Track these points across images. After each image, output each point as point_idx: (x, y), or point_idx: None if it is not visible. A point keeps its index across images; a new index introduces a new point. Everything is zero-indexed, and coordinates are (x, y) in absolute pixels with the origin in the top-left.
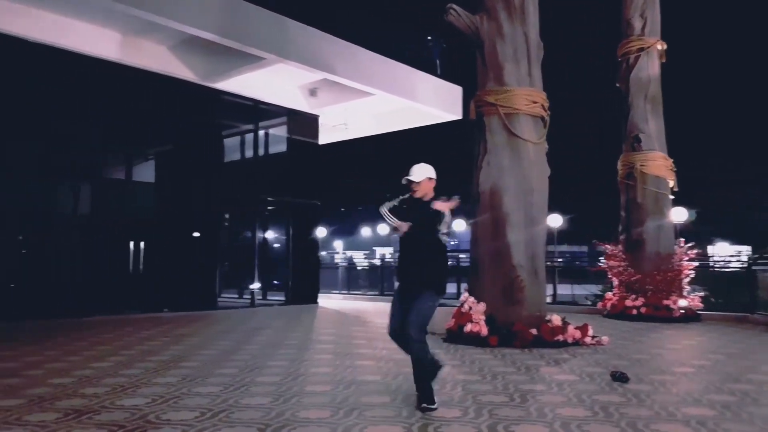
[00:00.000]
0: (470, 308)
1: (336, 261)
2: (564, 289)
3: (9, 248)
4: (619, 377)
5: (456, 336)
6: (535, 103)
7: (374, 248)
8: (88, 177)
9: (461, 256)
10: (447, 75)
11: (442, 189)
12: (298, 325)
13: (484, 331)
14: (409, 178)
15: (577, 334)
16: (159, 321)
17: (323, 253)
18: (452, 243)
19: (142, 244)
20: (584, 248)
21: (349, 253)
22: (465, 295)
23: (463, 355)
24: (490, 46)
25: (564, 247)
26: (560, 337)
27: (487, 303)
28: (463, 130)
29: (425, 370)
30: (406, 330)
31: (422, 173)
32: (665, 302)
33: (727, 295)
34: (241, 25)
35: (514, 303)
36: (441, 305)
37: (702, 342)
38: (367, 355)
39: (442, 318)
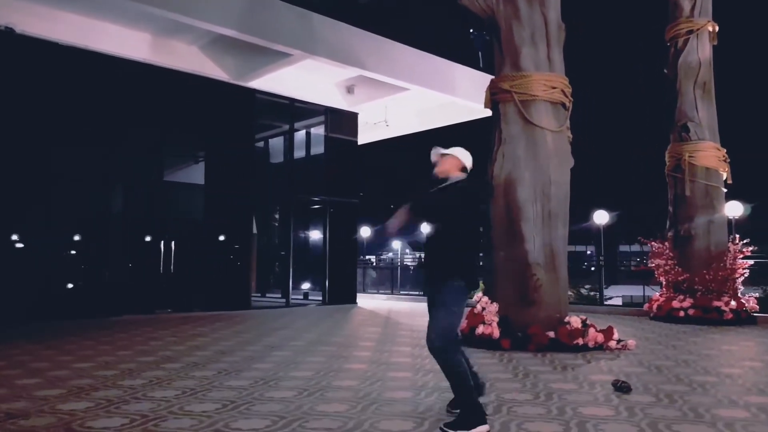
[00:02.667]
0: (483, 309)
1: (370, 260)
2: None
3: (54, 249)
4: (621, 387)
5: (468, 338)
6: (554, 88)
7: None
8: (122, 178)
9: None
10: (490, 68)
11: None
12: (317, 327)
13: (496, 333)
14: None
15: (600, 337)
16: (183, 320)
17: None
18: None
19: (173, 244)
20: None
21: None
22: (479, 294)
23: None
24: (507, 29)
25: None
26: (580, 341)
27: (501, 303)
28: None
29: (456, 387)
30: (427, 335)
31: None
32: (716, 303)
33: None
34: (267, 21)
35: (529, 304)
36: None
37: (745, 347)
38: (360, 358)
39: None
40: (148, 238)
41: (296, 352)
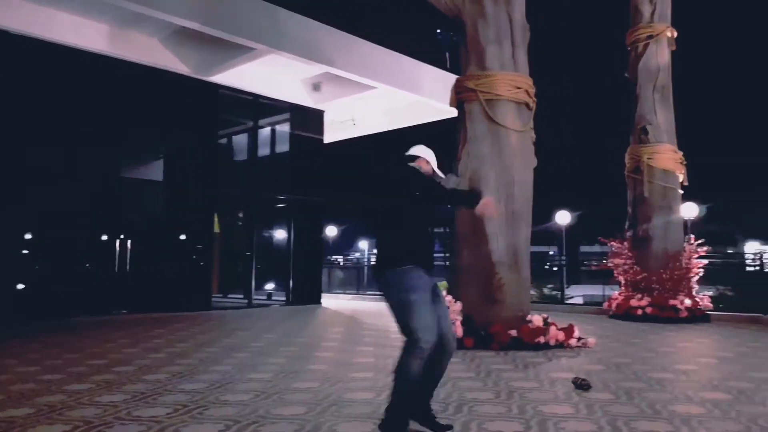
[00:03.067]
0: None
1: (337, 260)
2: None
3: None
4: (581, 385)
5: None
6: (518, 88)
7: None
8: (76, 174)
9: None
10: (457, 69)
11: None
12: (279, 328)
13: (460, 332)
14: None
15: (561, 335)
16: (140, 322)
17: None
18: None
19: (129, 242)
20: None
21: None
22: (443, 293)
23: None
24: (472, 28)
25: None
26: (542, 339)
27: (465, 302)
28: None
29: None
30: (452, 339)
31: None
32: (672, 302)
33: (746, 293)
34: (230, 14)
35: (492, 303)
36: None
37: (700, 344)
38: (322, 359)
39: None
40: (103, 237)
41: (255, 354)
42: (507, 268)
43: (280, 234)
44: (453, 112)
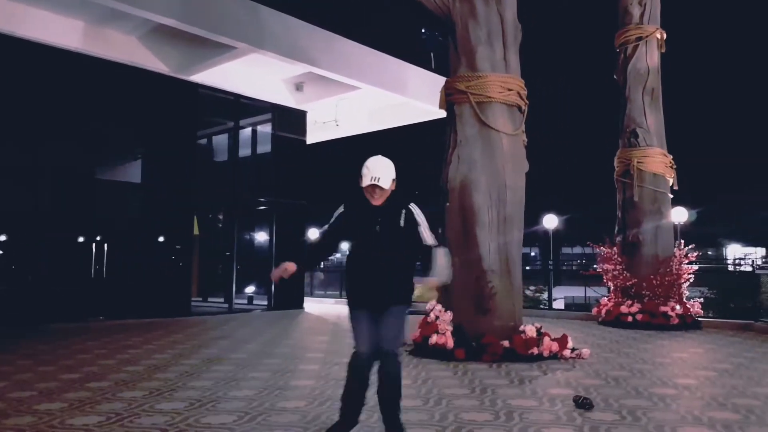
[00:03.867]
0: (437, 318)
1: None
2: (577, 291)
3: None
4: (582, 403)
5: (421, 348)
6: (510, 90)
7: None
8: (50, 175)
9: None
10: (442, 70)
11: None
12: (261, 336)
13: (450, 343)
14: (377, 183)
15: (555, 346)
16: (116, 329)
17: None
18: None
19: (105, 246)
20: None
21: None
22: (432, 302)
23: (421, 371)
24: (462, 28)
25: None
26: (535, 350)
27: (456, 312)
28: None
29: (398, 391)
30: (385, 347)
31: (389, 174)
32: (662, 309)
33: (734, 298)
34: (211, 11)
35: (484, 312)
36: (414, 313)
37: (696, 354)
38: (308, 373)
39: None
40: (78, 240)
41: (238, 367)
42: (498, 276)
43: (261, 237)
44: (439, 114)
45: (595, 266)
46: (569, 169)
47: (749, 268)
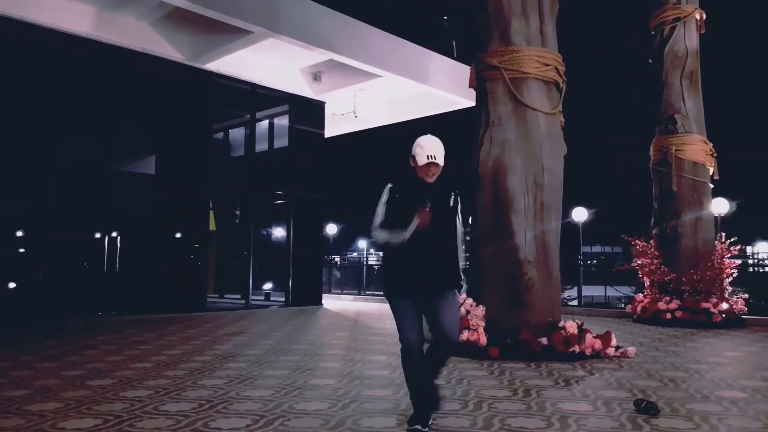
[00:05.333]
0: (468, 312)
1: (335, 260)
2: (597, 291)
3: None
4: (646, 408)
5: None
6: (547, 66)
7: None
8: (61, 167)
9: None
10: (464, 58)
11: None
12: (278, 331)
13: (483, 340)
14: (434, 160)
15: (597, 344)
16: (129, 324)
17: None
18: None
19: (119, 240)
20: (618, 249)
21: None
22: (463, 296)
23: (452, 370)
24: None
25: (597, 248)
26: (576, 348)
27: (488, 306)
28: None
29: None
30: (448, 335)
31: (442, 151)
32: (704, 305)
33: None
34: None
35: (520, 306)
36: None
37: (752, 354)
38: (328, 371)
39: None
40: (91, 234)
41: (253, 364)
42: (535, 267)
43: (278, 232)
44: (461, 104)
45: (621, 262)
46: (596, 159)
47: None
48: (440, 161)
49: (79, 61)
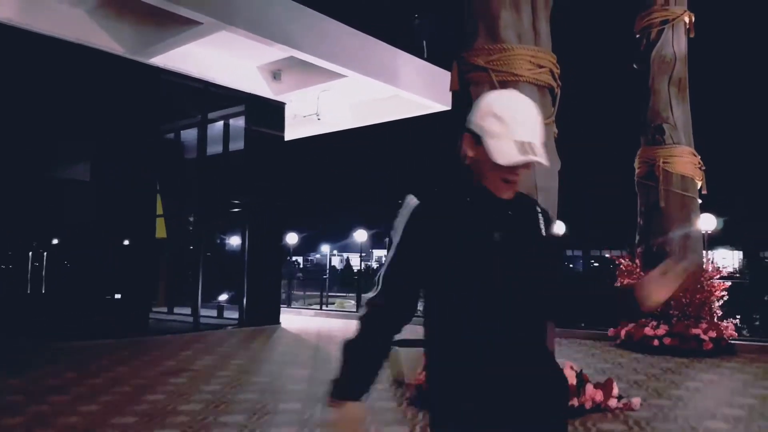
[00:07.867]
0: None
1: (297, 262)
2: None
3: None
4: None
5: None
6: (541, 67)
7: (372, 251)
8: None
9: None
10: (435, 60)
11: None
12: (225, 368)
13: None
14: (533, 154)
15: (598, 395)
16: (47, 353)
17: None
18: None
19: (45, 255)
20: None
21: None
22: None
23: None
24: None
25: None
26: (575, 402)
27: None
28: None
29: None
30: None
31: (541, 130)
32: (693, 331)
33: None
34: None
35: None
36: None
37: (766, 401)
38: None
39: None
40: (12, 248)
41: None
42: None
43: (235, 240)
44: (432, 108)
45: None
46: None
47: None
48: (540, 154)
49: (2, 53)
